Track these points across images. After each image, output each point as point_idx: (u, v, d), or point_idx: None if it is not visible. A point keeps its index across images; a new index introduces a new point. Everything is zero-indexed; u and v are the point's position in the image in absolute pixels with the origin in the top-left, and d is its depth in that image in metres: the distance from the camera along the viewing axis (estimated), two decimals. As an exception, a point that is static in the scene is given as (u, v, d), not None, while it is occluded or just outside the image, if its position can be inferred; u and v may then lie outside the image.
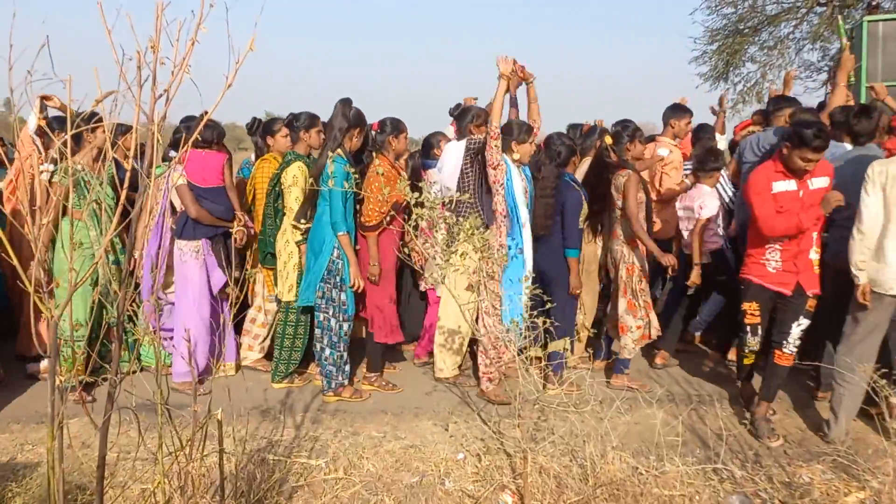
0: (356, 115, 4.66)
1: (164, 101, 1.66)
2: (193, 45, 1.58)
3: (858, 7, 12.59)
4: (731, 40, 15.07)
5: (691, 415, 4.32)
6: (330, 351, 4.65)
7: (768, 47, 15.19)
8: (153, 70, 1.62)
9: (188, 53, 1.60)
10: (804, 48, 14.82)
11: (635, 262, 4.82)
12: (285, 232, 4.89)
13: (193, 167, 4.80)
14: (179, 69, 1.61)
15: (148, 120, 1.70)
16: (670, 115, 5.79)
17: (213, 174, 4.85)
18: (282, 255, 4.91)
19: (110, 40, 1.59)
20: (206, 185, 4.83)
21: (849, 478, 3.50)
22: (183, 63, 1.62)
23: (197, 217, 4.76)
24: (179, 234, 4.80)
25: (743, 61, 15.41)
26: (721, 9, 14.99)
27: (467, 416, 4.39)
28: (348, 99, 4.65)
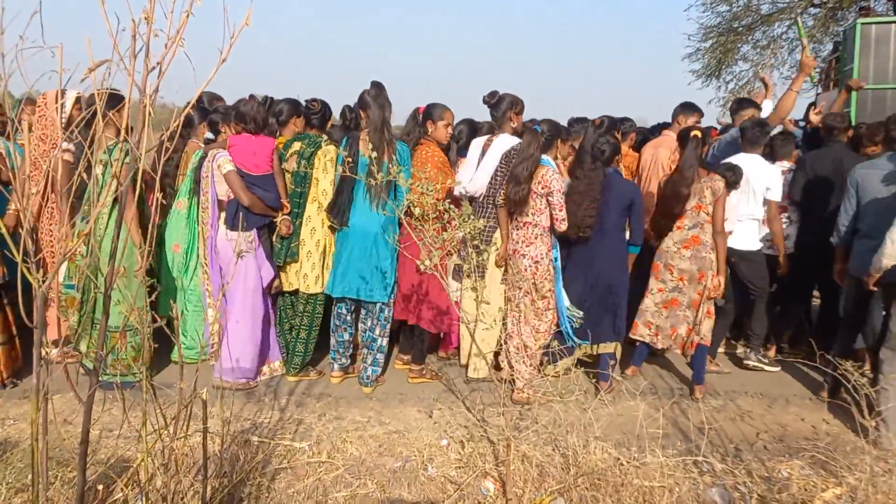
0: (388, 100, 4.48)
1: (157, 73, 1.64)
2: (188, 18, 1.56)
3: (851, 9, 12.65)
4: (725, 38, 15.11)
5: (673, 408, 4.36)
6: (382, 341, 4.62)
7: (761, 46, 15.25)
8: (147, 42, 1.60)
9: (182, 26, 1.58)
10: (797, 48, 14.87)
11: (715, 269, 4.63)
12: (310, 219, 4.65)
13: (244, 153, 4.45)
14: (173, 42, 1.59)
15: (140, 93, 1.68)
16: (679, 112, 5.71)
17: (263, 160, 4.49)
18: (306, 244, 4.65)
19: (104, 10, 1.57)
20: (257, 173, 4.48)
21: (827, 474, 3.54)
22: (177, 36, 1.60)
23: (250, 205, 4.42)
24: (231, 224, 4.45)
25: (736, 60, 15.47)
26: (716, 6, 15.04)
27: (451, 404, 4.40)
28: (379, 83, 4.48)
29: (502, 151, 4.65)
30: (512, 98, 4.78)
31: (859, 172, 4.42)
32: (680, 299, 4.67)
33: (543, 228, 4.51)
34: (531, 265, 4.48)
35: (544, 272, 4.50)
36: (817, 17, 14.09)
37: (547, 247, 4.51)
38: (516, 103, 4.77)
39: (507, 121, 4.74)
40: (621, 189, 4.59)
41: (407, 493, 3.32)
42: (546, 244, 4.51)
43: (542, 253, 4.49)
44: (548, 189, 4.41)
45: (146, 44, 1.62)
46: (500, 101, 4.77)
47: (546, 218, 4.50)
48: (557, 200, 4.41)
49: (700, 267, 4.58)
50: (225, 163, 4.43)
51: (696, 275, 4.60)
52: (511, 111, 4.74)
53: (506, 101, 4.75)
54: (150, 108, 1.66)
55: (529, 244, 4.49)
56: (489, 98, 4.81)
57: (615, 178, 4.64)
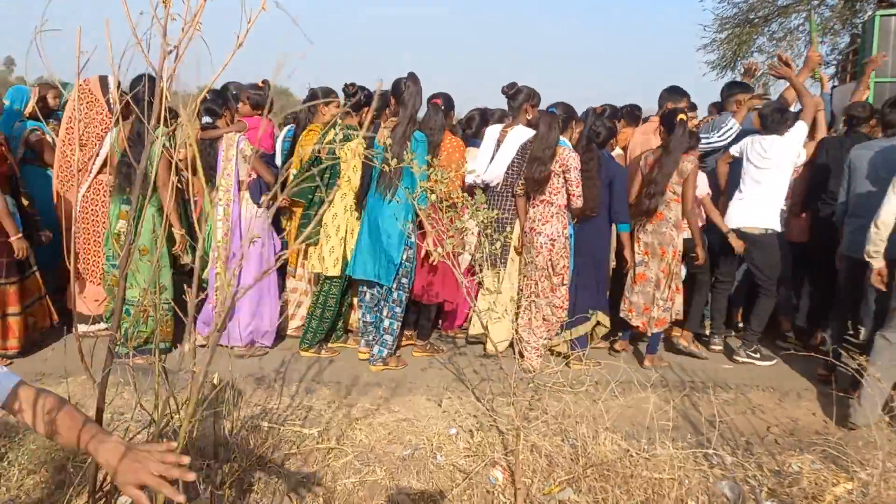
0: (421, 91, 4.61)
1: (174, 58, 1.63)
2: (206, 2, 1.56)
3: (871, 1, 12.48)
4: (741, 30, 14.96)
5: (684, 401, 4.34)
6: (391, 322, 4.73)
7: (777, 38, 15.08)
8: (164, 25, 1.60)
9: (200, 10, 1.57)
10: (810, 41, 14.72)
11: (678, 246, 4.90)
12: (333, 205, 4.84)
13: (253, 134, 4.80)
14: (190, 26, 1.59)
15: (157, 77, 1.68)
16: (667, 97, 5.73)
17: (267, 140, 4.94)
18: (328, 228, 4.84)
19: (121, -7, 1.56)
20: (267, 152, 4.96)
21: (838, 468, 3.52)
22: (194, 20, 1.59)
23: (271, 182, 4.80)
24: (257, 200, 4.80)
25: (751, 51, 15.30)
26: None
27: (461, 393, 4.41)
28: (415, 74, 4.59)
29: (519, 143, 4.83)
30: (529, 90, 5.00)
31: (853, 153, 4.63)
32: (647, 274, 4.93)
33: (560, 207, 4.74)
34: (547, 242, 4.72)
35: (560, 249, 4.73)
36: (835, 8, 13.92)
37: (563, 224, 4.75)
38: (533, 96, 5.01)
39: (523, 112, 4.99)
40: (607, 169, 4.89)
41: (415, 481, 3.34)
42: (562, 222, 4.74)
43: (559, 230, 4.72)
44: (565, 167, 4.64)
45: (164, 28, 1.62)
46: (518, 93, 5.00)
47: (562, 197, 4.72)
48: (574, 177, 4.64)
49: (661, 242, 4.86)
50: (247, 146, 4.72)
51: (657, 249, 4.87)
52: (528, 103, 4.99)
53: (523, 94, 4.98)
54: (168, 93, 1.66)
55: (546, 222, 4.73)
56: (508, 89, 5.03)
57: (604, 159, 4.94)
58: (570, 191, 4.67)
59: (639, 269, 4.95)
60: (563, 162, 4.64)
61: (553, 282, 4.76)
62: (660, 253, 4.86)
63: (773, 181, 4.87)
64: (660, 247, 4.86)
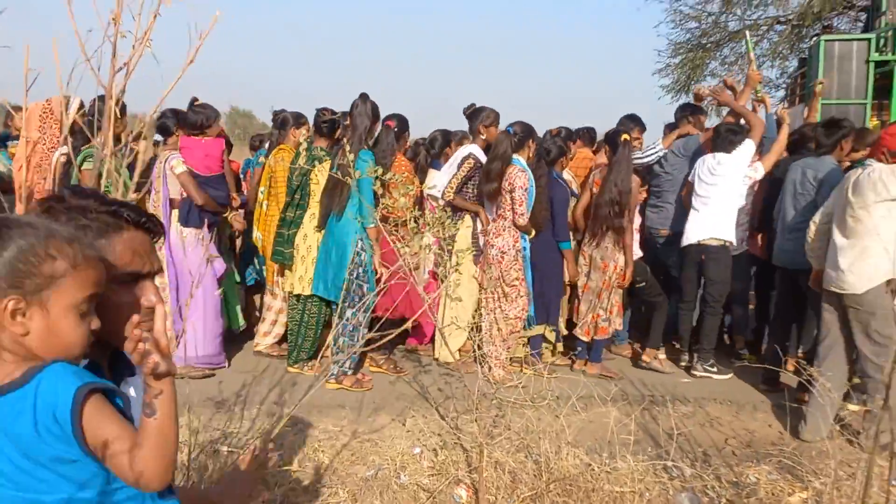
0: (376, 112, 4.74)
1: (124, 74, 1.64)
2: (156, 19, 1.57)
3: (816, 27, 12.96)
4: (694, 54, 15.37)
5: (644, 414, 4.39)
6: (344, 340, 4.74)
7: (729, 63, 15.54)
8: (113, 43, 1.61)
9: (150, 27, 1.58)
10: (763, 65, 15.19)
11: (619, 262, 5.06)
12: (304, 226, 4.93)
13: (195, 155, 4.74)
14: (141, 43, 1.60)
15: (106, 94, 1.68)
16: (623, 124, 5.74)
17: (214, 162, 4.84)
18: (300, 250, 4.93)
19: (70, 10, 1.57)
20: (208, 174, 4.79)
21: (793, 479, 3.59)
22: (144, 37, 1.60)
23: (204, 204, 4.72)
24: (185, 221, 4.74)
25: (704, 76, 15.73)
26: (685, 23, 15.31)
27: (425, 411, 4.40)
28: (367, 95, 4.71)
29: (459, 157, 5.12)
30: (485, 111, 5.17)
31: (790, 171, 4.90)
32: (590, 285, 5.16)
33: (510, 222, 4.93)
34: (498, 255, 4.92)
35: (510, 262, 4.92)
36: (783, 33, 14.41)
37: (513, 238, 4.94)
38: (488, 115, 5.17)
39: (478, 132, 5.06)
40: (549, 188, 5.08)
41: (378, 502, 3.31)
42: (512, 236, 4.94)
43: (509, 244, 4.92)
44: (511, 185, 4.81)
45: (113, 45, 1.62)
46: (476, 114, 5.19)
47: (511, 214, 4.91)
48: (518, 196, 4.79)
49: (602, 257, 5.05)
50: (178, 164, 4.68)
51: (599, 263, 5.07)
52: (482, 123, 5.06)
53: (478, 114, 5.16)
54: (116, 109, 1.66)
55: (498, 235, 4.95)
56: (466, 110, 5.26)
57: (552, 178, 5.15)
58: (514, 209, 4.83)
59: (584, 279, 5.19)
60: (510, 180, 4.81)
61: (508, 293, 4.92)
62: (601, 266, 5.07)
63: (723, 196, 5.00)
64: (602, 261, 5.06)
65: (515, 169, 4.82)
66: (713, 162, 5.02)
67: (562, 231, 5.15)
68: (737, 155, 4.99)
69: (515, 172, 4.81)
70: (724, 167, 4.98)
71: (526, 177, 4.82)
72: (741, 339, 5.83)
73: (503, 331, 4.98)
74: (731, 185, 5.01)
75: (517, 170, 4.82)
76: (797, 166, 4.85)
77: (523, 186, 4.78)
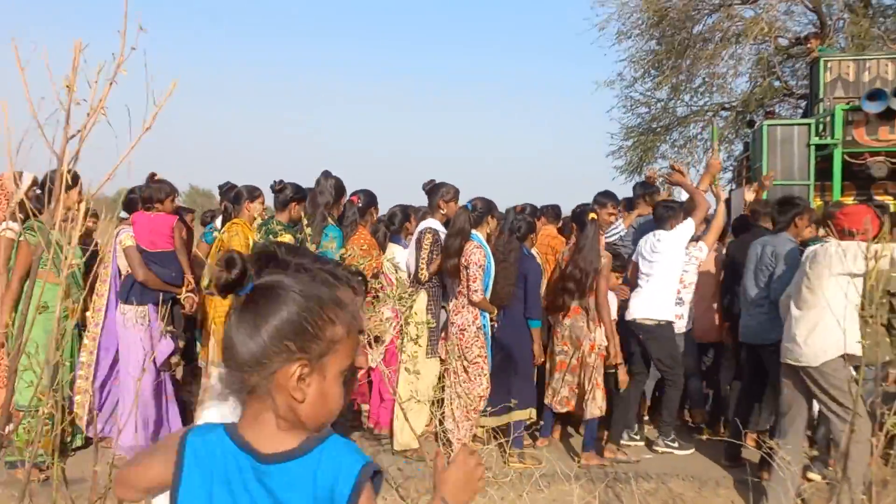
0: (339, 188, 4.75)
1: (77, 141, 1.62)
2: (111, 87, 1.57)
3: (759, 112, 13.63)
4: (645, 137, 15.97)
5: (607, 492, 4.31)
6: None
7: (678, 146, 16.16)
8: (67, 110, 1.60)
9: (105, 94, 1.58)
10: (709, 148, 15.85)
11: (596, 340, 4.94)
12: None
13: (141, 230, 4.67)
14: (95, 110, 1.59)
15: (58, 160, 1.66)
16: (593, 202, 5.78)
17: (161, 237, 4.72)
18: None
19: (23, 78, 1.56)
20: (153, 249, 4.68)
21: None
22: (99, 104, 1.60)
23: (144, 280, 4.57)
24: (125, 297, 4.59)
25: (656, 158, 16.31)
26: (636, 108, 15.96)
27: (385, 493, 4.25)
28: (329, 172, 4.72)
29: (418, 233, 5.06)
30: (444, 187, 5.17)
31: (750, 249, 4.97)
32: (567, 362, 5.03)
33: None
34: (457, 332, 4.81)
35: (471, 339, 4.79)
36: (728, 119, 15.11)
37: (474, 315, 4.82)
38: (448, 191, 5.16)
39: (438, 208, 5.05)
40: (522, 264, 5.00)
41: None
42: (472, 312, 4.83)
43: (469, 321, 4.81)
44: (467, 261, 4.76)
45: (67, 112, 1.62)
46: (435, 189, 5.17)
47: None
48: (473, 273, 4.74)
49: (578, 335, 4.96)
50: (126, 238, 4.63)
51: (575, 342, 4.98)
52: (441, 199, 5.07)
53: (438, 190, 5.15)
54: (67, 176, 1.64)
55: (457, 312, 4.85)
56: (426, 185, 5.23)
57: (522, 253, 5.07)
58: (468, 285, 4.76)
59: (559, 357, 5.05)
60: (466, 256, 4.76)
61: (469, 371, 4.80)
62: (577, 345, 4.97)
63: (663, 273, 5.08)
64: (577, 339, 4.97)
65: (472, 245, 4.80)
66: (654, 240, 5.15)
67: (534, 308, 5.03)
68: (676, 233, 5.10)
69: (472, 248, 4.78)
70: (663, 244, 5.09)
71: (482, 253, 4.78)
72: (698, 414, 5.83)
73: (466, 409, 4.83)
74: (670, 263, 5.09)
75: (473, 245, 4.80)
76: (756, 244, 4.96)
77: (478, 263, 4.73)
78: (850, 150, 7.49)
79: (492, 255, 4.89)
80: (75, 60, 1.54)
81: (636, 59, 15.21)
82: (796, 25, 14.25)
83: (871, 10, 12.96)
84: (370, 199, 5.08)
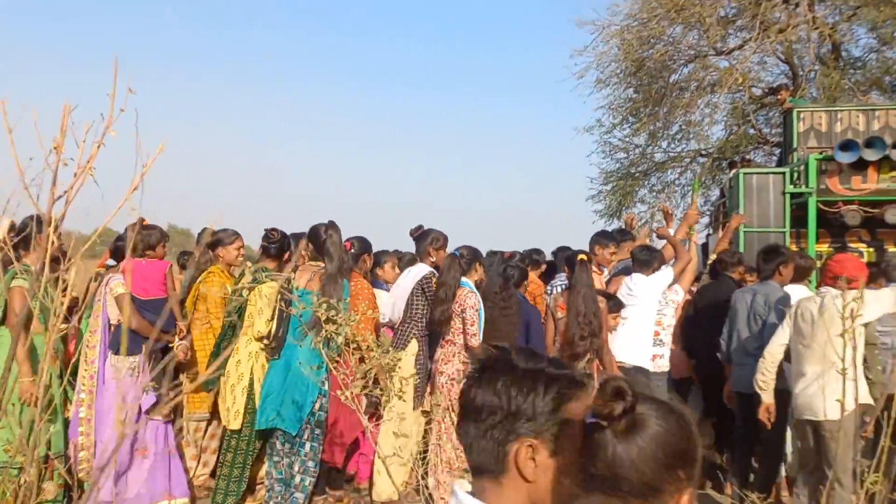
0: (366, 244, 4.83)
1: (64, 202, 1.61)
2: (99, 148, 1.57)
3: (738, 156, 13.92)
4: (624, 182, 16.21)
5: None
6: (302, 478, 4.37)
7: (657, 191, 16.41)
8: (54, 171, 1.59)
9: (93, 155, 1.58)
10: (688, 193, 16.10)
11: None
12: (237, 352, 4.54)
13: (135, 277, 4.48)
14: (83, 171, 1.59)
15: (45, 221, 1.64)
16: (594, 243, 5.89)
17: (155, 284, 4.53)
18: (230, 378, 4.52)
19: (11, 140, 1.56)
20: (147, 297, 4.47)
21: None
22: (87, 165, 1.60)
23: (137, 329, 4.33)
24: (116, 349, 4.39)
25: (634, 202, 16.53)
26: (614, 153, 16.23)
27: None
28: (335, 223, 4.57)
29: (414, 279, 4.93)
30: (433, 234, 5.13)
31: (735, 296, 5.03)
32: None
33: (461, 346, 4.72)
34: (447, 382, 4.65)
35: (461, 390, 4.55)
36: (704, 165, 15.41)
37: (464, 365, 4.68)
38: (437, 238, 5.12)
39: (427, 254, 5.04)
40: (523, 311, 4.94)
41: None
42: (462, 362, 4.69)
43: (460, 370, 4.67)
44: (462, 307, 4.67)
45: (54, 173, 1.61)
46: (423, 236, 5.12)
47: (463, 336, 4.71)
48: (469, 316, 4.64)
49: None
50: (117, 286, 4.43)
51: None
52: (431, 246, 5.04)
53: (427, 236, 5.10)
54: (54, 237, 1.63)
55: (447, 362, 4.70)
56: (414, 232, 5.17)
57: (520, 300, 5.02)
58: (466, 329, 4.66)
59: None
60: (461, 302, 4.68)
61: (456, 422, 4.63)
62: None
63: (638, 318, 5.10)
64: None
65: (465, 290, 4.74)
66: (630, 282, 5.18)
67: None
68: (653, 279, 5.15)
69: (465, 294, 4.71)
70: (639, 288, 5.12)
71: (476, 297, 4.73)
72: None
73: (452, 464, 4.63)
74: (646, 308, 5.12)
75: (467, 291, 4.74)
76: (745, 293, 5.00)
77: (474, 306, 4.67)
78: (825, 199, 7.65)
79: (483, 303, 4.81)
80: (63, 123, 1.54)
81: (614, 106, 15.53)
82: (769, 76, 14.72)
83: (841, 62, 13.38)
84: (364, 245, 5.02)
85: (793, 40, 12.88)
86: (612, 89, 15.26)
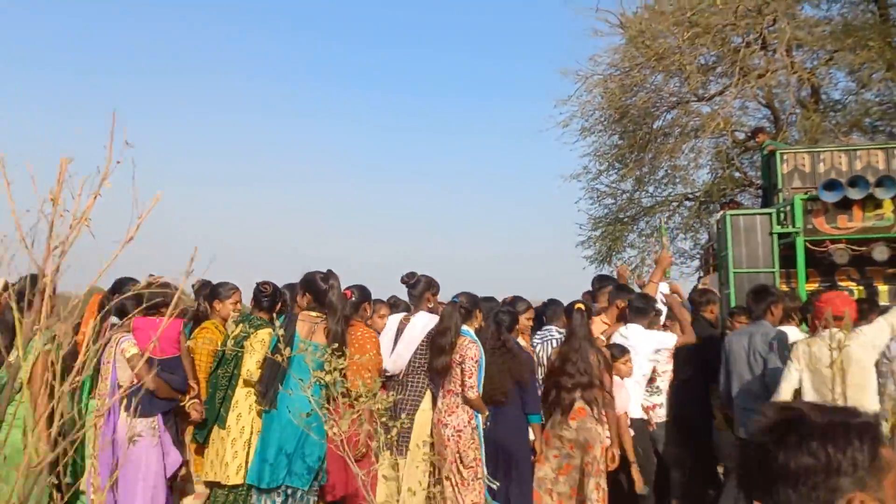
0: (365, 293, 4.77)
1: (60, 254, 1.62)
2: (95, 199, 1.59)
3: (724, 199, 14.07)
4: (613, 227, 16.33)
5: None
6: None
7: (646, 235, 16.53)
8: (51, 223, 1.60)
9: (89, 207, 1.59)
10: (677, 237, 16.24)
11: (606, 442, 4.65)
12: (237, 404, 4.45)
13: (149, 337, 4.21)
14: (79, 222, 1.60)
15: (40, 273, 1.65)
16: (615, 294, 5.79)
17: (169, 343, 4.33)
18: (231, 432, 4.40)
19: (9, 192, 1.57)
20: (162, 356, 4.23)
21: None
22: (83, 216, 1.61)
23: (156, 389, 4.13)
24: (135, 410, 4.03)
25: (624, 247, 16.63)
26: (602, 199, 16.39)
27: None
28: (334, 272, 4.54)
29: (425, 328, 4.78)
30: (429, 280, 5.06)
31: (729, 339, 5.00)
32: (573, 464, 4.63)
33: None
34: (453, 434, 4.47)
35: (468, 441, 4.47)
36: (691, 208, 15.58)
37: (469, 415, 4.53)
38: (433, 285, 5.06)
39: (425, 301, 4.96)
40: (525, 357, 4.82)
41: None
42: (467, 412, 4.53)
43: (465, 421, 4.51)
44: (462, 357, 4.52)
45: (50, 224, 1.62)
46: (418, 283, 5.01)
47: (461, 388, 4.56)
48: (468, 368, 4.48)
49: (587, 438, 4.56)
50: (129, 347, 4.22)
51: (583, 444, 4.57)
52: (428, 292, 4.99)
53: (423, 283, 5.01)
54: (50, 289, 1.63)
55: (451, 413, 4.53)
56: (407, 279, 5.04)
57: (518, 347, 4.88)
58: (463, 381, 4.50)
59: (565, 460, 4.65)
60: (461, 352, 4.53)
61: (465, 475, 4.43)
62: (586, 447, 4.58)
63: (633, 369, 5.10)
64: (586, 443, 4.58)
65: (466, 340, 4.60)
66: (625, 331, 5.18)
67: (534, 403, 4.74)
68: (650, 334, 5.17)
69: (466, 343, 4.57)
70: (635, 339, 5.13)
71: (477, 348, 4.57)
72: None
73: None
74: (640, 359, 5.12)
75: (467, 341, 4.60)
76: (741, 336, 4.94)
77: (474, 358, 4.51)
78: (812, 238, 7.72)
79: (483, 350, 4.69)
80: (60, 175, 1.55)
81: (600, 153, 15.76)
82: (751, 120, 14.99)
83: (821, 105, 13.68)
84: (364, 293, 4.96)
85: (773, 85, 13.17)
86: (598, 136, 15.53)
